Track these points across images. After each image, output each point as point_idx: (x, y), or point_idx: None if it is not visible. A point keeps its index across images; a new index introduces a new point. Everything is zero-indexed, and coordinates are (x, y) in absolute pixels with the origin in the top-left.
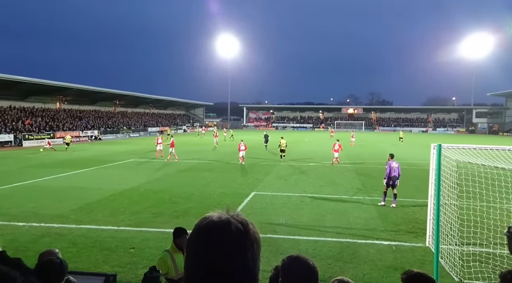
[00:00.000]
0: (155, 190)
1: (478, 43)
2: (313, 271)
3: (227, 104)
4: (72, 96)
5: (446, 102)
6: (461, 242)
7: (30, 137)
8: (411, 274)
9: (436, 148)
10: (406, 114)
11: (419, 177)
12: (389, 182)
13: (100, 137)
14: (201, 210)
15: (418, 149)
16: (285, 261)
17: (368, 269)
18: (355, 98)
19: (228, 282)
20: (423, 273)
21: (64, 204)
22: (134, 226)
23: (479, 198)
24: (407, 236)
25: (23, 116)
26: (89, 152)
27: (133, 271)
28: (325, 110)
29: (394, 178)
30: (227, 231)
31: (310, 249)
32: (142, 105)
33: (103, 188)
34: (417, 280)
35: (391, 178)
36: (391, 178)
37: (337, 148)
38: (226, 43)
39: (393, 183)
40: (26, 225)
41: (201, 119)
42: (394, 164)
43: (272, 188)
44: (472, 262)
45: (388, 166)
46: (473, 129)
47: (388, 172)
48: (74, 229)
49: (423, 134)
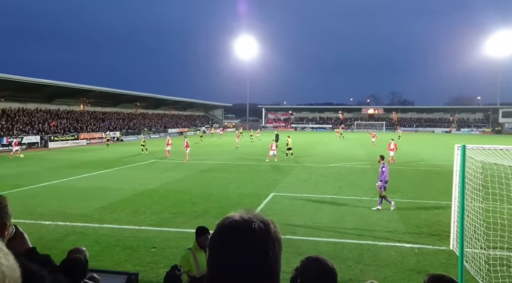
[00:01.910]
0: (175, 190)
1: (504, 40)
2: (332, 272)
3: (246, 105)
4: (95, 99)
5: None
6: (487, 245)
7: (56, 138)
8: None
9: (460, 149)
10: (428, 114)
11: (442, 179)
12: (385, 185)
13: (122, 139)
14: (220, 210)
15: (441, 149)
16: (304, 261)
17: (389, 272)
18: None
19: (250, 281)
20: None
21: (88, 203)
22: (155, 225)
23: (506, 200)
24: (430, 239)
25: (49, 118)
26: (111, 153)
27: (154, 270)
28: (344, 110)
29: (387, 182)
30: (249, 230)
31: (330, 251)
32: (162, 106)
33: (125, 188)
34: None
35: (387, 181)
36: (387, 182)
37: (392, 147)
38: (245, 44)
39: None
40: (52, 224)
41: (220, 120)
42: (387, 167)
43: (291, 189)
44: (499, 267)
45: (386, 168)
46: (500, 130)
47: (386, 174)
48: (98, 228)
49: (447, 135)
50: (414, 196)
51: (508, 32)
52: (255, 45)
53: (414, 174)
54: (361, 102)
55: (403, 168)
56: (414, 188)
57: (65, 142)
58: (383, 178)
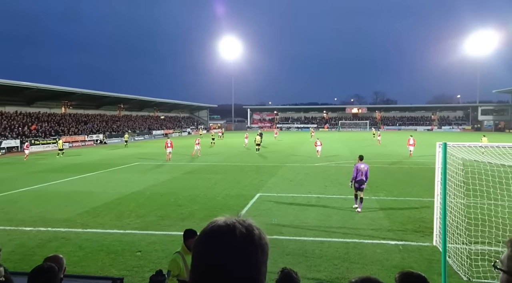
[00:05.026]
0: (160, 192)
1: (482, 40)
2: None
3: (231, 106)
4: (77, 101)
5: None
6: (469, 241)
7: (37, 142)
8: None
9: (441, 147)
10: (410, 113)
11: (425, 176)
12: (356, 185)
13: (105, 141)
14: (206, 212)
15: (424, 147)
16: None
17: (375, 269)
18: (359, 98)
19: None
20: (414, 271)
21: (71, 208)
22: (140, 229)
23: (486, 196)
24: (414, 236)
25: (29, 122)
26: (94, 155)
27: (140, 275)
28: (329, 110)
29: (361, 181)
30: (231, 235)
31: (317, 250)
32: (146, 108)
33: (109, 191)
34: (408, 278)
35: (358, 181)
36: (357, 181)
37: (412, 143)
38: (229, 45)
39: (360, 187)
40: (33, 230)
41: (205, 121)
42: (362, 166)
43: (277, 189)
44: (481, 261)
45: (355, 168)
46: (479, 127)
47: (355, 175)
48: (81, 233)
49: (428, 133)
50: (398, 194)
51: (486, 32)
52: (239, 46)
53: (398, 171)
54: (345, 102)
55: (388, 166)
56: (398, 185)
57: (46, 145)
58: (352, 178)
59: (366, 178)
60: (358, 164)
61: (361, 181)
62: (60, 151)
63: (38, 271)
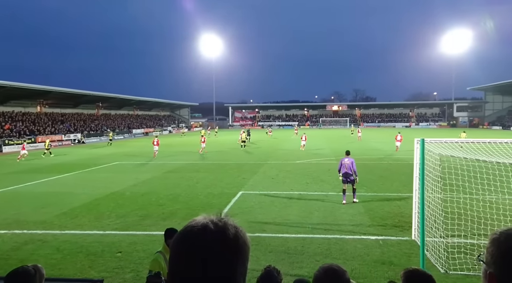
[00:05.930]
0: (141, 192)
1: (457, 38)
2: None
3: (212, 104)
4: (54, 100)
5: (428, 98)
6: (446, 234)
7: (11, 142)
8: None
9: (419, 143)
10: (389, 110)
11: (403, 172)
12: (343, 178)
13: (83, 141)
14: (188, 211)
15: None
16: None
17: (356, 265)
18: (339, 96)
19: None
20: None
21: (47, 210)
22: (120, 229)
23: (462, 191)
24: (393, 230)
25: (2, 121)
26: (72, 156)
27: (121, 276)
28: (310, 108)
29: (347, 174)
30: (202, 236)
31: (299, 247)
32: (126, 107)
33: (88, 192)
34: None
35: (344, 174)
36: (343, 174)
37: (399, 138)
38: (210, 43)
39: (347, 179)
40: (8, 233)
41: (186, 119)
42: (346, 160)
43: (259, 187)
44: (457, 254)
45: (340, 162)
46: (455, 123)
47: (339, 167)
48: (59, 235)
49: (407, 129)
50: (378, 189)
51: (460, 30)
52: (220, 44)
53: (377, 167)
54: (326, 100)
55: (368, 162)
56: (378, 181)
57: (21, 145)
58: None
59: (353, 172)
60: (343, 158)
61: (346, 174)
62: (47, 150)
63: (13, 275)
